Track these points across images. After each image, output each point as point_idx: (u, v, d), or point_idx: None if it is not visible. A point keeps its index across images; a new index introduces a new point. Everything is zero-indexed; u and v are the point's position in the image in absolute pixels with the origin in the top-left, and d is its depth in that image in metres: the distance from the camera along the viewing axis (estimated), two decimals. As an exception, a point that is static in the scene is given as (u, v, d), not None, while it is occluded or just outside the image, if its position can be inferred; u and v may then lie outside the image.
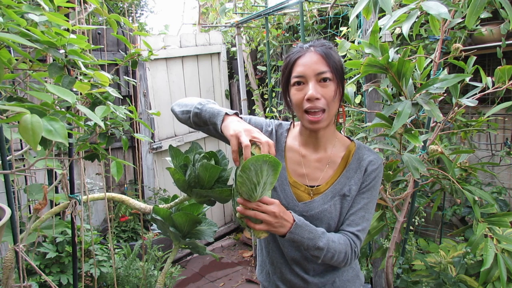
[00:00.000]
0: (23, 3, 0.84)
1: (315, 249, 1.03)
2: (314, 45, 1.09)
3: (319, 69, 1.04)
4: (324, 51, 1.06)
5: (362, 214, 1.12)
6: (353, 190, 1.12)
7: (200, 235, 1.65)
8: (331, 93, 1.04)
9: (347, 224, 1.12)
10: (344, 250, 1.07)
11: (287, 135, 1.22)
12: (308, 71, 1.04)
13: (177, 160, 1.34)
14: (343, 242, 1.08)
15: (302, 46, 1.10)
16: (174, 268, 2.59)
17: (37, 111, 0.74)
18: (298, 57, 1.07)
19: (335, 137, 1.18)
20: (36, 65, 1.00)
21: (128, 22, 1.26)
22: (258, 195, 0.92)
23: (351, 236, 1.10)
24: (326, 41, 1.12)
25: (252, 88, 3.92)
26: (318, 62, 1.04)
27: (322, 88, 1.04)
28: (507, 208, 2.37)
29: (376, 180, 1.14)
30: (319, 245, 1.03)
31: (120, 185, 3.55)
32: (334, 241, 1.06)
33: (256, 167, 0.87)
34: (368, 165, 1.13)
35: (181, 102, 1.18)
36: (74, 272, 1.44)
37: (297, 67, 1.06)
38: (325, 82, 1.04)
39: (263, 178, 0.89)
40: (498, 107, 1.47)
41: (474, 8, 1.11)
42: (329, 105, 1.05)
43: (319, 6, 3.07)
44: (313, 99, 1.03)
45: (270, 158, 0.88)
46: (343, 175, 1.13)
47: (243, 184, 0.90)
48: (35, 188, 1.44)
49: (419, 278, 1.89)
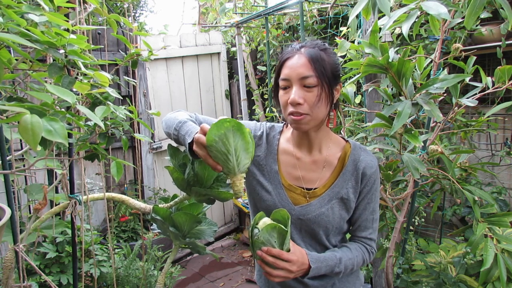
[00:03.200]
0: (23, 3, 0.84)
1: (334, 274, 1.09)
2: (305, 45, 1.05)
3: (303, 73, 1.00)
4: (313, 54, 1.02)
5: (371, 217, 1.14)
6: (350, 193, 1.11)
7: (200, 235, 1.65)
8: (314, 98, 1.01)
9: (359, 230, 1.15)
10: (361, 258, 1.12)
11: (279, 138, 1.20)
12: (293, 74, 1.01)
13: (176, 159, 1.34)
14: (359, 251, 1.12)
15: (294, 46, 1.07)
16: (174, 268, 2.59)
17: (37, 111, 0.74)
18: (287, 58, 1.04)
19: (329, 138, 1.16)
20: (36, 65, 1.00)
21: (128, 22, 1.26)
22: (235, 164, 0.87)
23: (365, 241, 1.14)
24: (321, 41, 1.08)
25: (252, 88, 3.92)
26: (304, 66, 1.01)
27: (305, 92, 1.01)
28: (507, 208, 2.37)
29: (376, 182, 1.14)
30: (336, 271, 1.08)
31: (120, 185, 3.55)
32: (350, 258, 1.10)
33: (220, 136, 0.84)
34: (366, 168, 1.11)
35: (167, 120, 1.13)
36: (74, 272, 1.43)
37: (284, 69, 1.04)
38: (309, 88, 1.01)
39: (231, 146, 0.85)
40: (498, 107, 1.47)
41: (473, 9, 1.11)
42: (312, 110, 1.02)
43: (319, 6, 3.07)
44: (295, 104, 1.01)
45: (227, 121, 0.83)
46: (340, 177, 1.12)
47: (217, 159, 0.87)
48: (35, 188, 1.43)
49: (419, 278, 1.89)
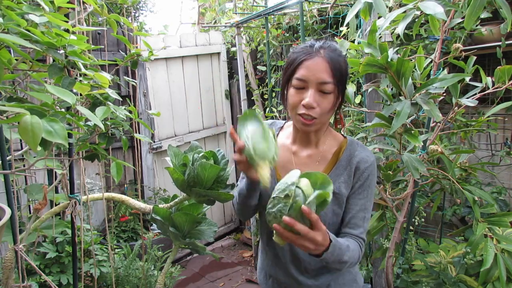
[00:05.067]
0: (23, 4, 0.84)
1: (339, 263, 1.00)
2: (324, 47, 1.02)
3: (322, 79, 0.99)
4: (335, 60, 1.00)
5: (362, 215, 1.11)
6: (342, 188, 1.09)
7: (200, 235, 1.65)
8: (329, 105, 1.02)
9: (350, 227, 1.10)
10: (357, 255, 1.08)
11: (278, 133, 1.21)
12: (312, 77, 1.00)
13: (176, 159, 1.34)
14: (356, 247, 1.08)
15: (312, 45, 1.04)
16: (174, 268, 2.59)
17: (37, 111, 0.74)
18: (306, 59, 1.01)
19: (328, 134, 1.16)
20: (36, 66, 1.00)
21: (128, 22, 1.26)
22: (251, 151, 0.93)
23: (358, 240, 1.10)
24: (337, 45, 1.06)
25: (252, 88, 3.91)
26: (324, 71, 0.99)
27: (320, 98, 1.01)
28: (507, 208, 2.37)
29: (371, 178, 1.11)
30: (344, 259, 1.01)
31: (120, 185, 3.55)
32: (353, 249, 1.06)
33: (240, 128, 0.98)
34: (360, 162, 1.09)
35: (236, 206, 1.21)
36: (74, 272, 1.44)
37: (301, 69, 1.02)
38: (325, 94, 1.01)
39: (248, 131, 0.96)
40: (498, 107, 1.47)
41: (473, 9, 1.11)
42: (322, 115, 1.03)
43: (319, 6, 3.07)
44: (309, 108, 1.01)
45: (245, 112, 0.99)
46: (333, 172, 1.11)
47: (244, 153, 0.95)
48: (35, 188, 1.43)
49: (419, 278, 1.89)
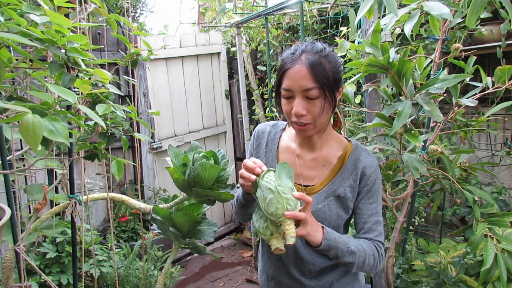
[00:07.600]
0: (23, 3, 0.84)
1: (349, 253, 1.01)
2: (306, 50, 1.02)
3: (305, 86, 0.99)
4: (314, 63, 0.99)
5: (375, 219, 1.12)
6: (348, 191, 1.10)
7: (200, 235, 1.65)
8: (318, 109, 1.01)
9: (364, 232, 1.11)
10: (372, 253, 1.07)
11: (280, 135, 1.22)
12: (295, 86, 1.00)
13: (176, 159, 1.34)
14: (369, 245, 1.08)
15: (295, 51, 1.04)
16: (174, 268, 2.58)
17: (38, 111, 0.74)
18: (288, 68, 1.02)
19: (332, 137, 1.17)
20: (36, 64, 1.00)
21: (128, 22, 1.26)
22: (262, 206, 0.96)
23: (374, 242, 1.10)
24: (321, 44, 1.05)
25: (252, 88, 3.91)
26: (305, 77, 0.99)
27: (308, 104, 1.01)
28: (507, 208, 2.37)
29: (377, 183, 1.13)
30: (352, 249, 1.01)
31: (120, 185, 3.55)
32: (361, 244, 1.06)
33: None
34: (365, 167, 1.11)
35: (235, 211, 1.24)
36: (74, 272, 1.43)
37: (285, 79, 1.03)
38: (312, 100, 1.01)
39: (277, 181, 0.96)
40: (498, 107, 1.47)
41: (474, 8, 1.11)
42: (315, 119, 1.03)
43: (319, 6, 3.06)
44: (299, 116, 1.02)
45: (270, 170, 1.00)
46: (339, 176, 1.12)
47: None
48: (35, 188, 1.43)
49: (419, 278, 1.89)
